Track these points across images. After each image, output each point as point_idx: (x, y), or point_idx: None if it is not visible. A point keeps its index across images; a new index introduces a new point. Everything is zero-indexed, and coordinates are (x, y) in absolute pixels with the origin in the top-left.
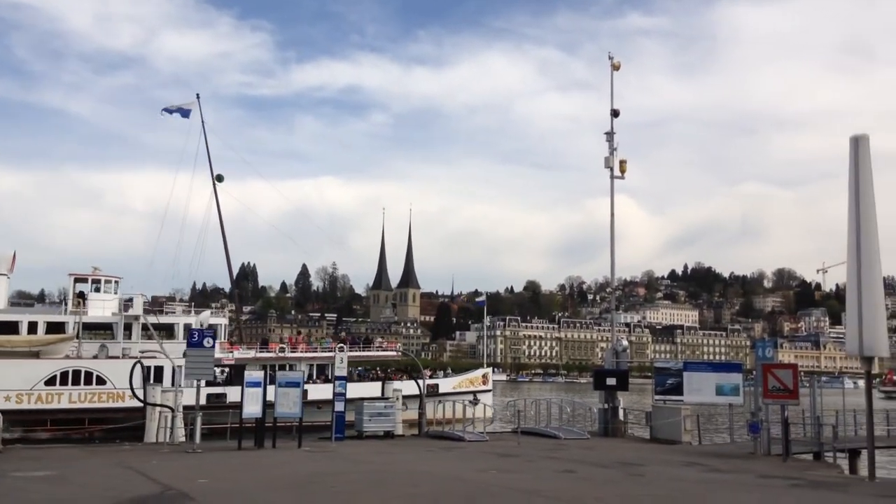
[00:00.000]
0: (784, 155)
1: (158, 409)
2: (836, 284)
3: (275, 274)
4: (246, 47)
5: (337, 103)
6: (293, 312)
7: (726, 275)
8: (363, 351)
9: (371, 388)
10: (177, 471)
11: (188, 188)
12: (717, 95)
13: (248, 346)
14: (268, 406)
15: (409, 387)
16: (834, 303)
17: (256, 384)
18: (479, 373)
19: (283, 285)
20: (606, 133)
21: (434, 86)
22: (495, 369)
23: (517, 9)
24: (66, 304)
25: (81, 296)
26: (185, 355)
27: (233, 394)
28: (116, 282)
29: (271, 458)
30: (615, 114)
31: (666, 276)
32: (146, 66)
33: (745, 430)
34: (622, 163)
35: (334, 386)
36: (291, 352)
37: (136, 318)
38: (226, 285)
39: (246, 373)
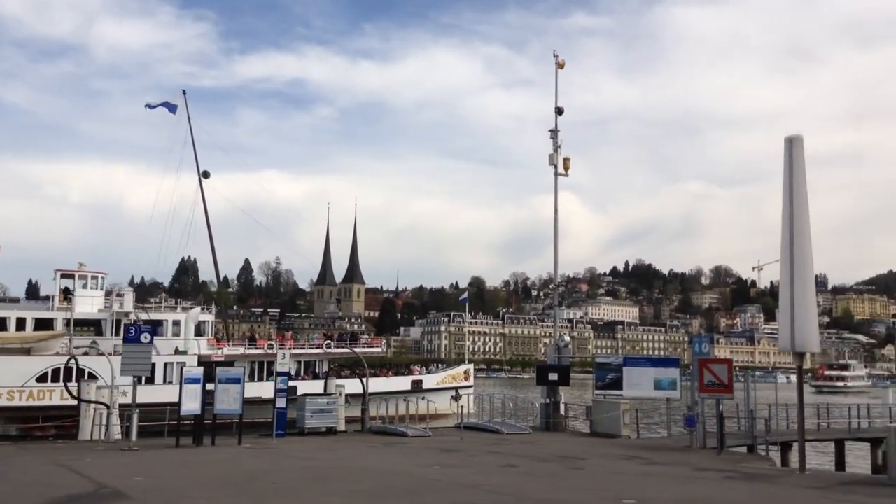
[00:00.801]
0: (724, 154)
1: (94, 406)
2: (771, 282)
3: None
4: (189, 37)
5: (282, 96)
6: (235, 308)
7: (666, 272)
8: (350, 348)
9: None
10: (112, 469)
11: (173, 184)
12: (661, 95)
13: (235, 342)
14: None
15: (396, 383)
16: (768, 300)
17: (195, 381)
18: (461, 369)
19: (225, 280)
20: (551, 130)
21: (381, 80)
22: (440, 365)
23: (465, 5)
24: (52, 301)
25: (67, 292)
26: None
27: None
28: (102, 278)
29: (210, 456)
30: (559, 112)
31: (608, 273)
32: (85, 55)
33: (682, 423)
34: (566, 160)
35: (276, 382)
36: (279, 349)
37: (127, 314)
38: (165, 280)
39: (185, 370)
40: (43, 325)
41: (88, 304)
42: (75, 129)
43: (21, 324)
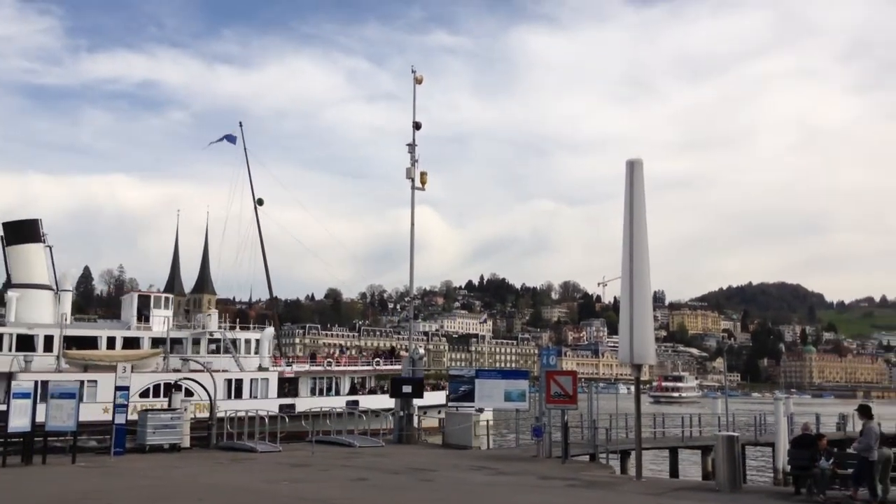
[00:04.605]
0: (571, 175)
1: None
2: (614, 297)
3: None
4: (31, 32)
5: (132, 98)
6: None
7: (518, 286)
8: (393, 365)
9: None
10: None
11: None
12: (514, 116)
13: (299, 360)
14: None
15: (434, 397)
16: (612, 314)
17: (25, 395)
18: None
19: None
20: (409, 145)
21: (239, 86)
22: None
23: (326, 16)
24: (132, 320)
25: (140, 312)
26: None
27: (300, 405)
28: (172, 299)
29: (40, 476)
30: (417, 126)
31: (463, 287)
32: None
33: (530, 434)
34: (423, 175)
35: (115, 397)
36: (336, 365)
37: (210, 333)
38: None
39: (13, 384)
40: (130, 343)
41: (160, 323)
42: None
43: (111, 342)
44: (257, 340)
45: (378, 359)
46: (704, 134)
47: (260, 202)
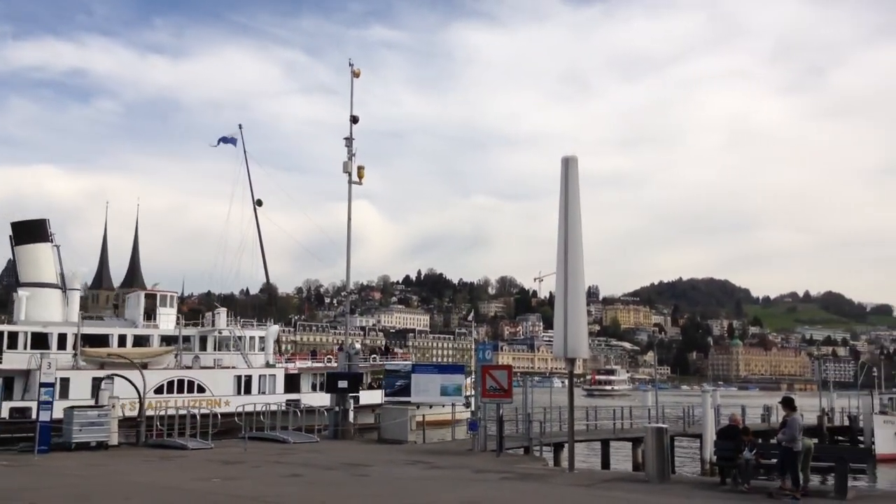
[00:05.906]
0: (509, 171)
1: None
2: (550, 292)
3: None
4: None
5: (59, 86)
6: None
7: (456, 281)
8: (386, 360)
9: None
10: None
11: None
12: (453, 111)
13: (300, 357)
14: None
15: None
16: (547, 309)
17: None
18: (471, 379)
19: None
20: (346, 139)
21: (172, 76)
22: None
23: (261, 6)
24: (139, 319)
25: (146, 310)
26: None
27: (307, 400)
28: (178, 297)
29: None
30: (354, 120)
31: (401, 282)
32: None
33: (465, 427)
34: (360, 169)
35: (39, 394)
36: (336, 362)
37: (220, 331)
38: None
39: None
40: (140, 341)
41: (166, 321)
42: None
43: (122, 340)
44: (262, 338)
45: (374, 355)
46: (639, 132)
47: (259, 203)
